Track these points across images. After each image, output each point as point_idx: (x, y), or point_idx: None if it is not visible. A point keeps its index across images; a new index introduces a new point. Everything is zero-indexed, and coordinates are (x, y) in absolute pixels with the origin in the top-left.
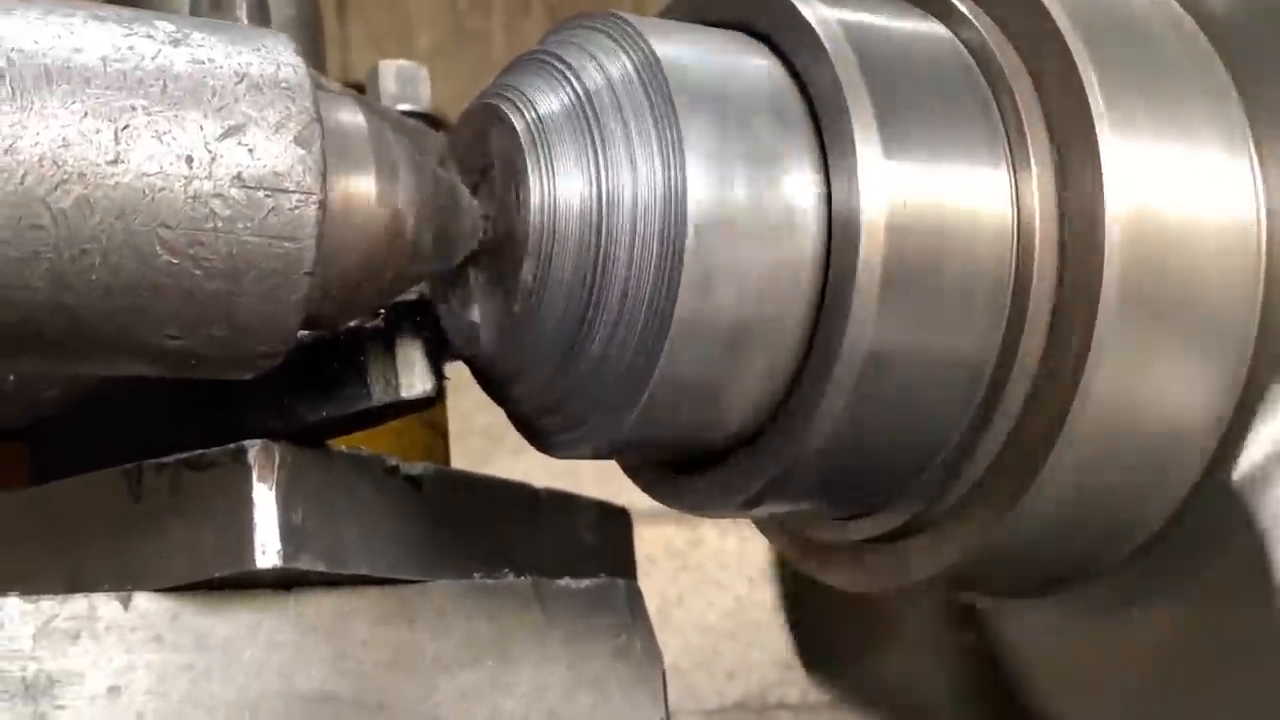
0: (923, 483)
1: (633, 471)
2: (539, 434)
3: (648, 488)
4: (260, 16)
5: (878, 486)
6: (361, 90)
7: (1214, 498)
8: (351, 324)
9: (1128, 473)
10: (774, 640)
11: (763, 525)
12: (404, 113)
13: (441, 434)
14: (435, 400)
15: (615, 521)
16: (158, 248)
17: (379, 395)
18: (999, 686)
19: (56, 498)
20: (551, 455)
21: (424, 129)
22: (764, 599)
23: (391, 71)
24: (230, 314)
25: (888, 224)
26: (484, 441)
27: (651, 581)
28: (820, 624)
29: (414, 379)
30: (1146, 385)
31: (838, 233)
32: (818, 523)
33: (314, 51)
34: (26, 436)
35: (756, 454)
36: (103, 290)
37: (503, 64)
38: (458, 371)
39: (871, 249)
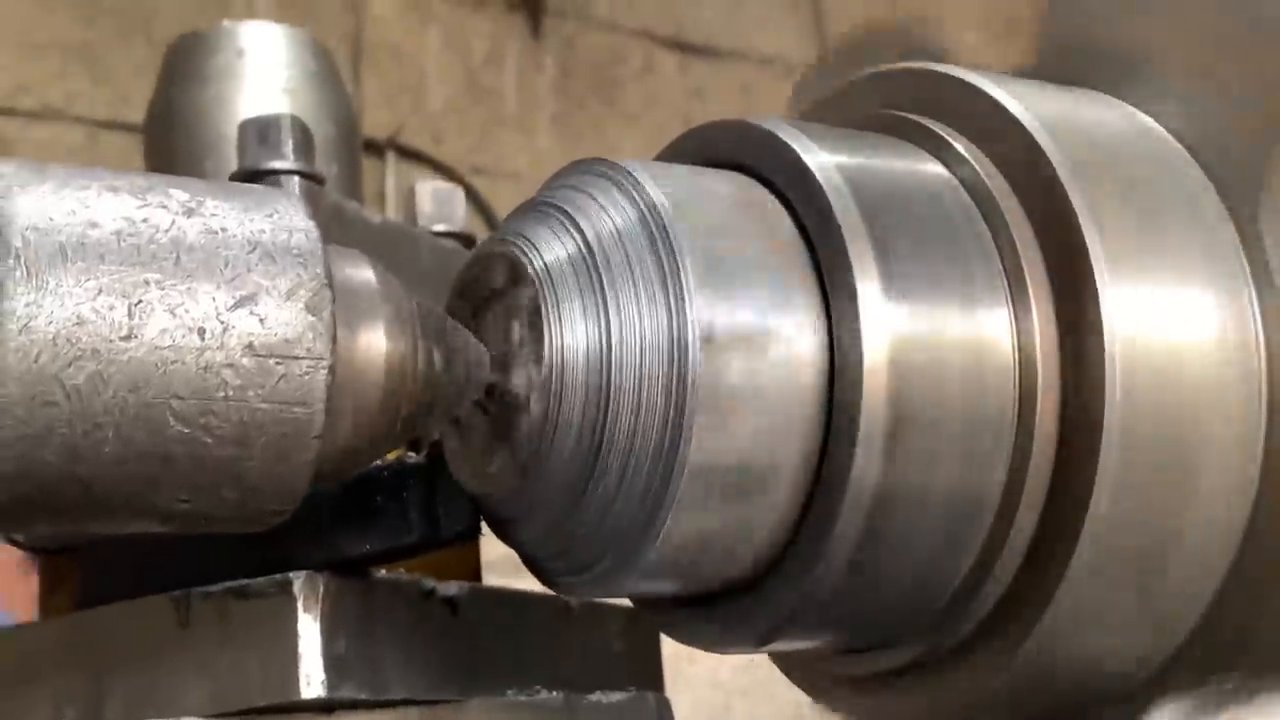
0: (930, 620)
1: (647, 609)
2: (550, 576)
3: (663, 626)
4: (304, 146)
5: (885, 624)
6: (382, 151)
7: (1219, 632)
8: (394, 461)
9: (1137, 603)
10: (785, 696)
11: (779, 660)
12: (438, 233)
13: (473, 544)
14: (474, 535)
15: (642, 627)
16: (170, 418)
17: (420, 531)
18: None
19: (103, 621)
20: (567, 595)
21: (442, 244)
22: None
23: (428, 192)
24: (240, 477)
25: (890, 365)
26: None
27: (663, 638)
28: None
29: (454, 516)
30: (1151, 516)
31: (840, 375)
32: (828, 657)
33: (351, 163)
34: (78, 554)
35: (764, 596)
36: (115, 461)
37: (515, 120)
38: None
39: (874, 390)
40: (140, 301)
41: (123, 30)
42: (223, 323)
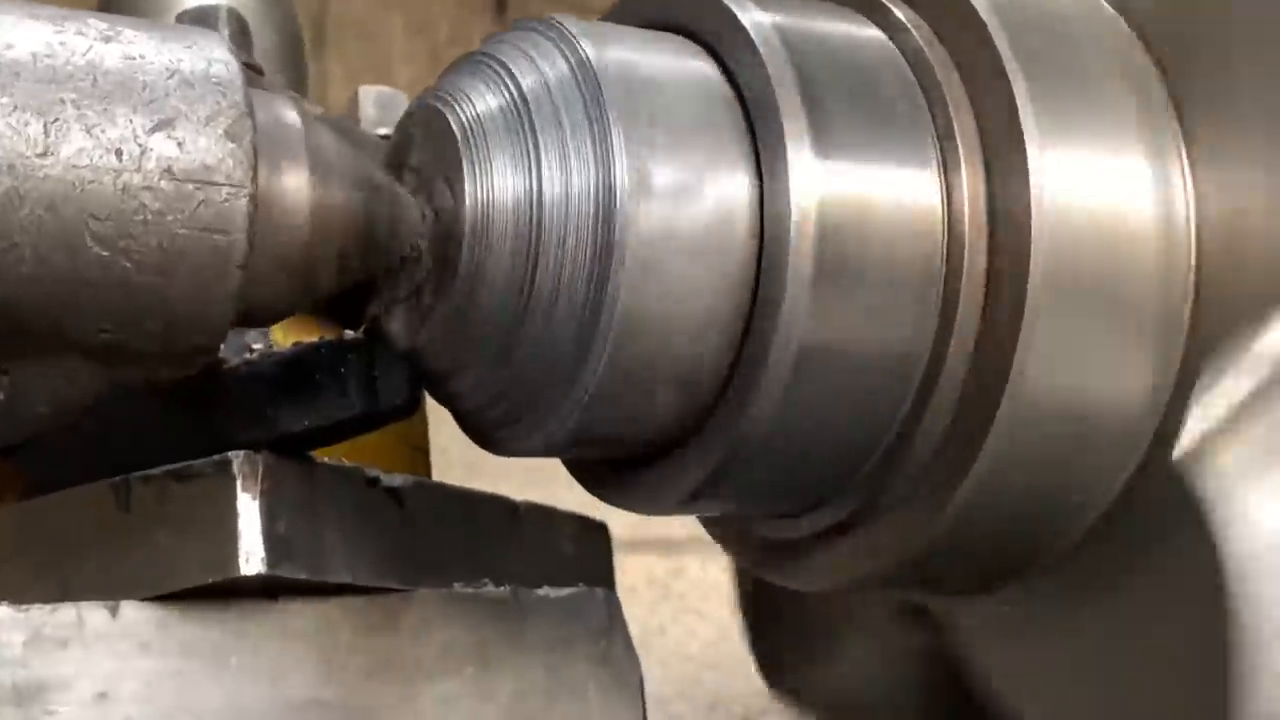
0: (862, 477)
1: (578, 471)
2: (482, 430)
3: (592, 486)
4: (241, 39)
5: (816, 481)
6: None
7: (1156, 480)
8: (333, 337)
9: (1066, 458)
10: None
11: (709, 524)
12: (383, 137)
13: (423, 453)
14: (414, 409)
15: (594, 535)
16: (88, 240)
17: (359, 405)
18: (954, 688)
19: (46, 511)
20: (496, 453)
21: (379, 141)
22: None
23: (371, 97)
24: (162, 307)
25: (818, 220)
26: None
27: (633, 611)
28: (774, 627)
29: (393, 389)
30: (1078, 371)
31: (769, 230)
32: (760, 521)
33: (296, 78)
34: (18, 455)
35: (693, 449)
36: (32, 281)
37: None
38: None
39: (802, 245)
40: (56, 120)
41: None
42: (140, 145)
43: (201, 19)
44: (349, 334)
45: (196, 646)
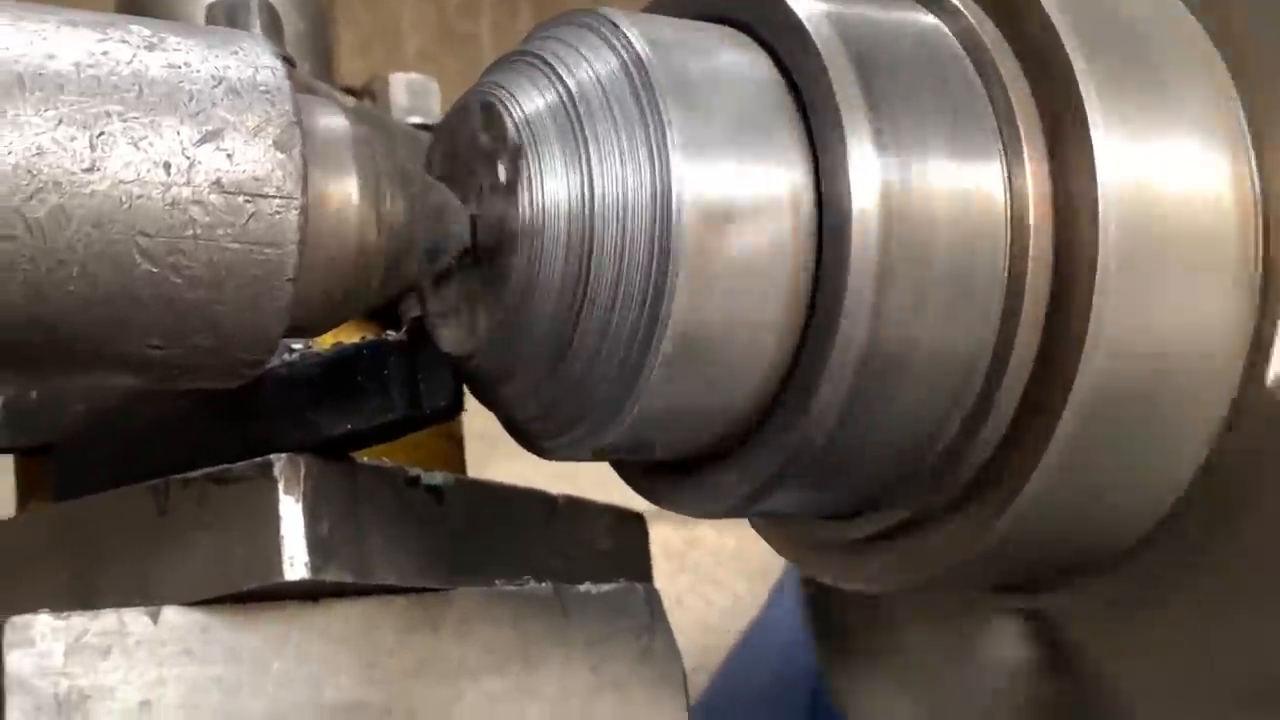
0: (924, 476)
1: (628, 474)
2: (531, 438)
3: (644, 491)
4: (274, 30)
5: (872, 485)
6: (361, 97)
7: (1246, 432)
8: (374, 337)
9: (1136, 442)
10: None
11: (760, 526)
12: (417, 126)
13: (458, 444)
14: (457, 412)
15: (631, 526)
16: (136, 256)
17: (402, 408)
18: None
19: (81, 515)
20: (546, 458)
21: (419, 135)
22: (764, 597)
23: (402, 84)
24: (213, 323)
25: (880, 215)
26: (481, 445)
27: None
28: (839, 631)
29: (436, 391)
30: (1149, 356)
31: (829, 226)
32: (813, 521)
33: (325, 64)
34: (52, 453)
35: (750, 454)
36: (81, 302)
37: None
38: None
39: (864, 240)
40: (102, 133)
41: None
42: (189, 158)
43: (233, 11)
44: (391, 335)
45: (239, 652)
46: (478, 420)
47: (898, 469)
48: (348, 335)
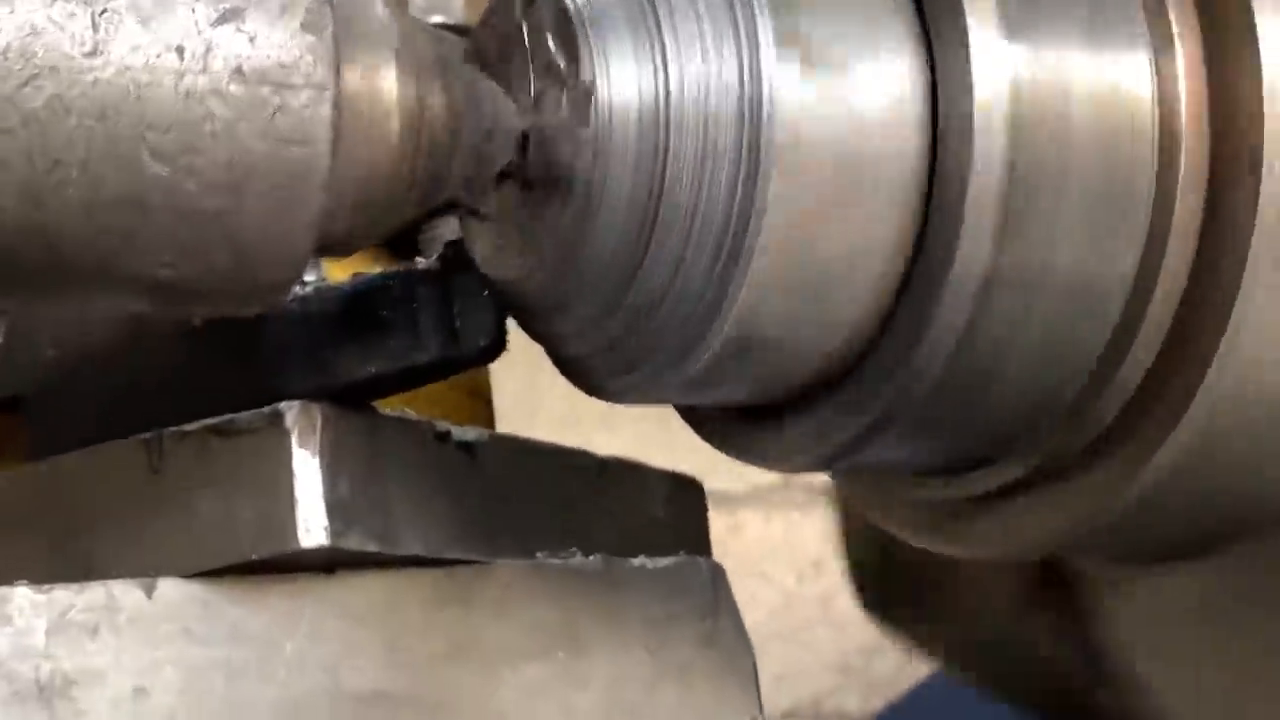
0: (1050, 425)
1: (698, 422)
2: (592, 377)
3: (718, 439)
4: None
5: (991, 434)
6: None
7: None
8: (402, 267)
9: None
10: (829, 641)
11: (847, 482)
12: (440, 27)
13: (485, 401)
14: (498, 352)
15: (689, 494)
16: (145, 156)
17: (435, 348)
18: (1075, 671)
19: (60, 475)
20: (608, 401)
21: (452, 37)
22: (816, 593)
23: None
24: (232, 236)
25: (1006, 121)
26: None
27: None
28: (882, 571)
29: (475, 327)
30: None
31: (946, 128)
32: (913, 479)
33: None
34: (23, 407)
35: (850, 393)
36: (83, 208)
37: None
38: None
39: (988, 145)
40: (105, 10)
41: None
42: (205, 41)
43: None
44: (421, 262)
45: (246, 631)
46: (512, 382)
47: (1019, 415)
48: (363, 268)
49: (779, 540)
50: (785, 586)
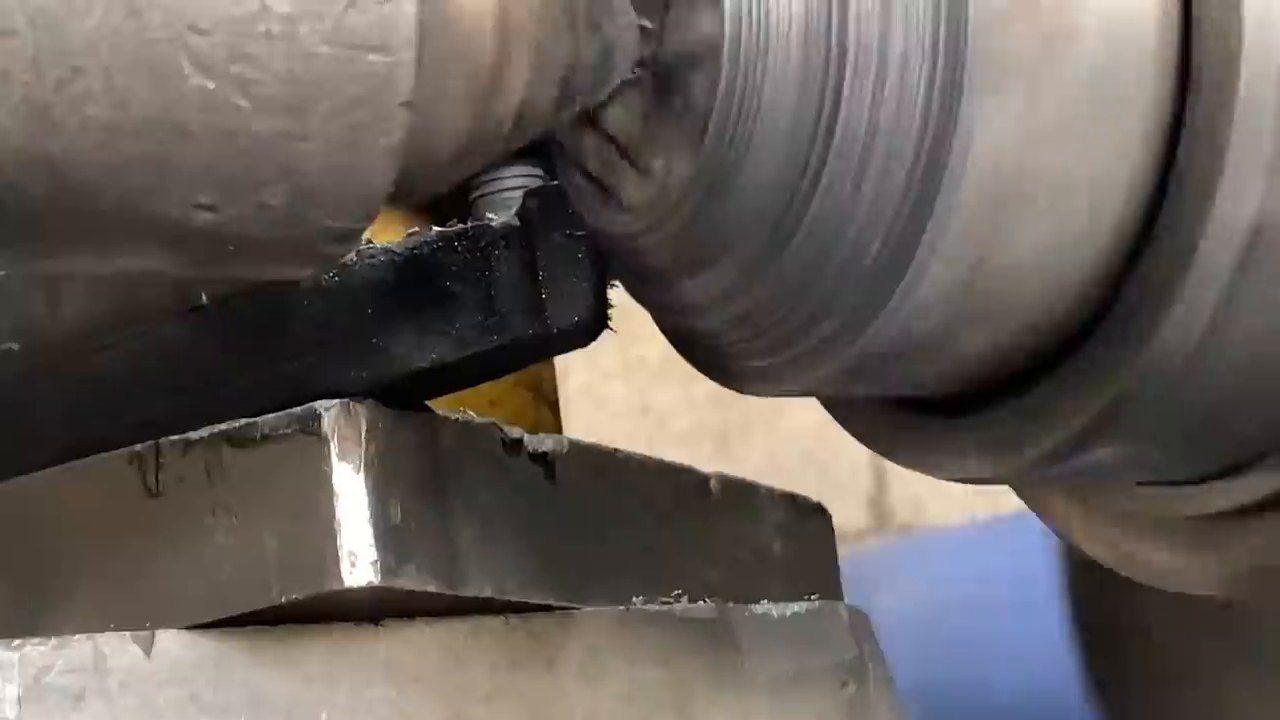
0: None
1: (851, 416)
2: (727, 357)
3: (879, 438)
4: None
5: (1247, 432)
6: None
7: None
8: (470, 224)
9: None
10: None
11: (1049, 494)
12: None
13: (550, 402)
14: (599, 331)
15: (812, 521)
16: (185, 64)
17: (516, 326)
18: None
19: (27, 499)
20: (742, 389)
21: None
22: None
23: None
24: (291, 169)
25: None
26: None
27: None
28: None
29: (567, 299)
30: None
31: (1203, 45)
32: (1136, 489)
33: None
34: None
35: (1064, 384)
36: (103, 135)
37: None
38: None
39: (1262, 66)
40: None
41: None
42: None
43: None
44: (493, 219)
45: (269, 699)
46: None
47: None
48: (390, 234)
49: None
50: None
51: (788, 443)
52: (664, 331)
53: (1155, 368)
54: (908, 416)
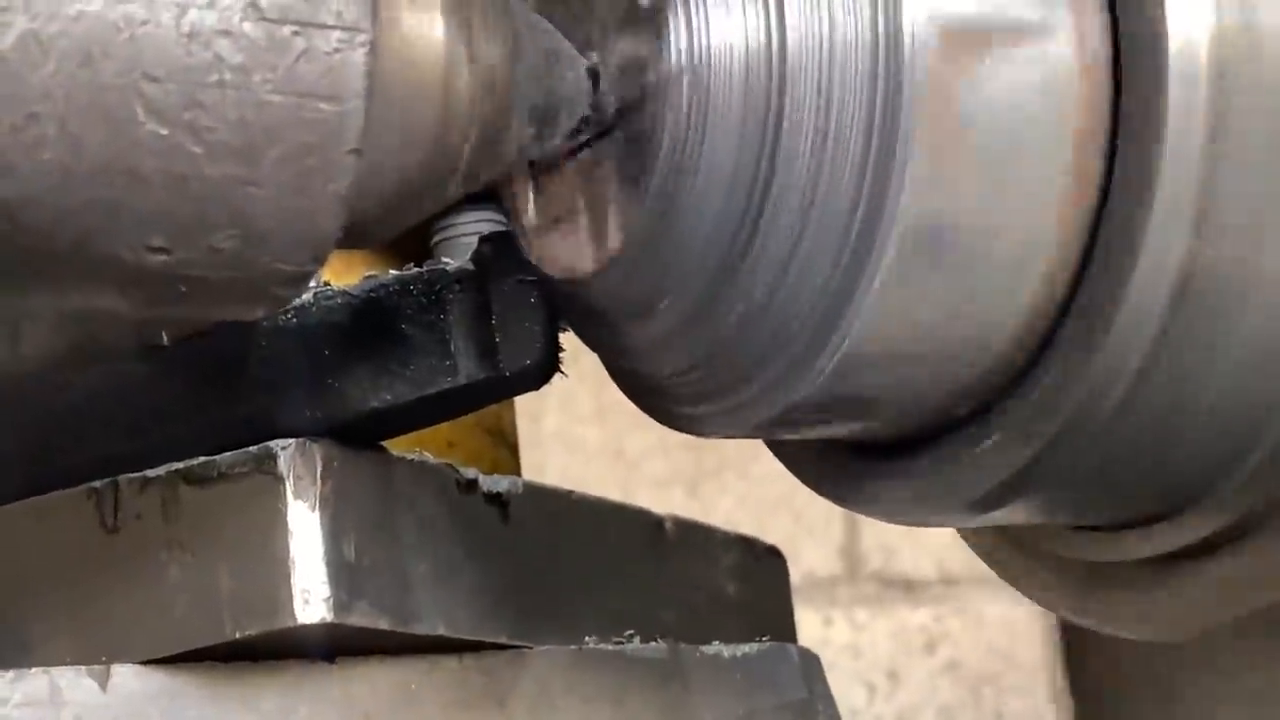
0: (1254, 468)
1: (797, 460)
2: (671, 401)
3: (823, 482)
4: None
5: (1182, 475)
6: None
7: None
8: (425, 268)
9: None
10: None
11: (986, 541)
12: None
13: (509, 445)
14: (550, 374)
15: (766, 565)
16: (139, 111)
17: (469, 369)
18: None
19: None
20: (688, 432)
21: None
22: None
23: None
24: (242, 213)
25: (1212, 51)
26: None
27: None
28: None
29: (520, 343)
30: None
31: (1133, 64)
32: (1074, 535)
33: None
34: None
35: (997, 428)
36: (58, 177)
37: None
38: None
39: (1187, 89)
40: None
41: None
42: None
43: None
44: (448, 263)
45: None
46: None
47: (1219, 454)
48: (350, 277)
49: (842, 645)
50: (852, 704)
51: (761, 487)
52: (610, 374)
53: (1088, 406)
54: (851, 461)
